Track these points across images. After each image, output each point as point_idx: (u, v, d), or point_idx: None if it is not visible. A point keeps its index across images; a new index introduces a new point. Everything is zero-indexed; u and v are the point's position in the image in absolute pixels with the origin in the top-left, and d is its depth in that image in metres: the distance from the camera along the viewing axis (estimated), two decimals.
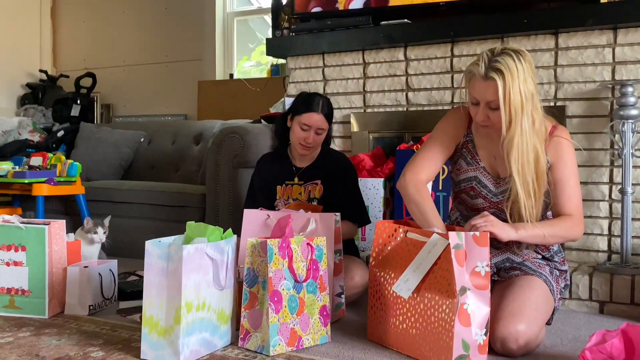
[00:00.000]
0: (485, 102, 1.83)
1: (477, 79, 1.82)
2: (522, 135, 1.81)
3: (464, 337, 1.65)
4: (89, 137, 4.41)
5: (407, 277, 1.79)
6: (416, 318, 1.77)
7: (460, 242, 1.69)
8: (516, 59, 1.79)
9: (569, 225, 1.89)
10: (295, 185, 2.50)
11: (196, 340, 1.75)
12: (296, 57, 3.30)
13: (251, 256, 1.86)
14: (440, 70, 2.94)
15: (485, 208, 2.01)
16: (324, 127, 2.42)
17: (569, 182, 1.91)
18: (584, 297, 2.38)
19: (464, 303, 1.66)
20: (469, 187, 2.03)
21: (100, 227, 2.68)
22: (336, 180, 2.45)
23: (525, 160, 1.83)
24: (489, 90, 1.80)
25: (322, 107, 2.41)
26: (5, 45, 5.35)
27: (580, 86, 2.64)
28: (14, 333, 2.01)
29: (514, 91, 1.77)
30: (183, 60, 5.06)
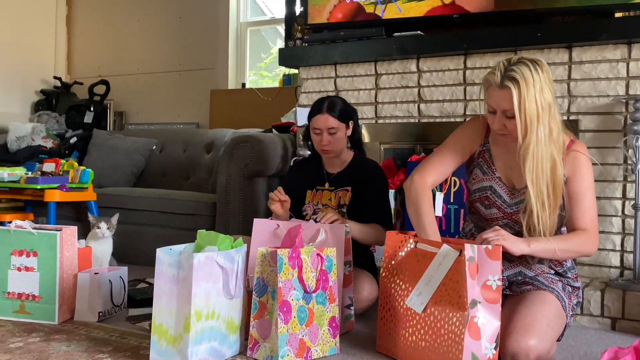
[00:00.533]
0: (501, 111, 1.84)
1: (493, 87, 1.84)
2: (538, 144, 1.81)
3: (474, 351, 1.64)
4: (101, 144, 4.44)
5: (419, 291, 1.78)
6: (425, 330, 1.76)
7: (472, 255, 1.68)
8: (532, 69, 1.80)
9: (583, 240, 1.87)
10: (325, 190, 2.50)
11: (205, 349, 1.75)
12: (308, 67, 3.31)
13: (261, 265, 1.86)
14: (452, 82, 2.94)
15: (499, 218, 2.00)
16: (334, 126, 2.41)
17: (585, 197, 1.89)
18: (595, 313, 2.36)
19: (474, 316, 1.65)
20: (484, 196, 2.03)
21: (103, 222, 2.68)
22: (365, 186, 2.45)
23: (540, 170, 1.83)
24: (504, 99, 1.81)
25: (328, 106, 2.42)
26: (21, 52, 5.40)
27: (594, 100, 2.63)
28: (24, 338, 2.01)
29: (529, 100, 1.78)
30: (196, 69, 5.09)
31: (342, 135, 2.44)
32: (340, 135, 2.44)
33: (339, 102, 2.47)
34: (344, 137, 2.46)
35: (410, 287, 1.84)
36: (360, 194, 2.45)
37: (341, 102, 2.48)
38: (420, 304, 1.77)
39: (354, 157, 2.54)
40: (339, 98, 2.52)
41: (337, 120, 2.42)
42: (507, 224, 1.98)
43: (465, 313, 1.64)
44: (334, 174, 2.52)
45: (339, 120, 2.43)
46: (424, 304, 1.75)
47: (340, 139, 2.44)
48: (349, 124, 2.48)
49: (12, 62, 5.34)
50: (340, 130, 2.43)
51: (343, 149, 2.49)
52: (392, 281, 1.91)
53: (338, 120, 2.42)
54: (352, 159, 2.54)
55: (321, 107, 2.44)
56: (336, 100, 2.47)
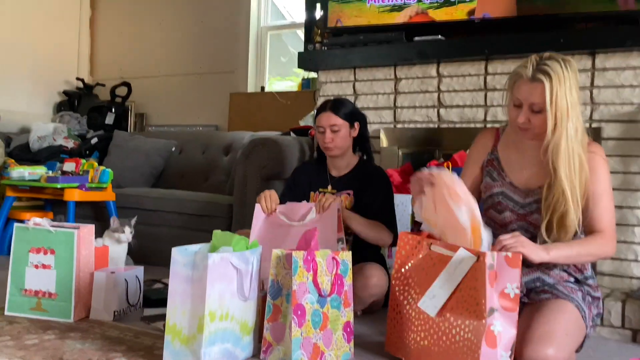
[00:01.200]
0: (529, 104, 1.83)
1: (524, 80, 1.83)
2: (568, 140, 1.81)
3: (489, 359, 1.62)
4: (121, 145, 4.48)
5: (433, 294, 1.75)
6: (439, 336, 1.73)
7: (492, 262, 1.66)
8: (564, 66, 1.80)
9: (601, 242, 1.86)
10: (327, 193, 2.50)
11: (218, 351, 1.74)
12: (327, 71, 3.30)
13: (276, 268, 1.85)
14: (473, 87, 2.91)
15: (513, 221, 1.98)
16: (336, 123, 2.43)
17: (602, 198, 1.88)
18: (616, 324, 2.31)
19: (491, 324, 1.62)
20: (496, 202, 2.02)
21: (127, 227, 2.70)
22: (368, 192, 2.44)
23: (572, 165, 1.83)
24: (535, 92, 1.80)
25: (332, 105, 2.46)
26: (45, 53, 5.48)
27: (617, 108, 2.59)
28: (40, 335, 2.02)
29: (560, 95, 1.78)
30: (216, 72, 5.11)
31: (345, 134, 2.45)
32: (343, 134, 2.44)
33: (344, 102, 2.50)
34: (347, 136, 2.46)
35: (423, 290, 1.81)
36: (363, 199, 2.45)
37: (348, 102, 2.52)
38: (433, 307, 1.74)
39: (359, 161, 2.55)
40: (346, 99, 2.57)
41: (340, 119, 2.44)
42: (522, 227, 1.96)
43: (483, 321, 1.62)
44: (338, 177, 2.52)
45: (342, 118, 2.44)
46: (438, 308, 1.73)
47: (343, 138, 2.45)
48: (353, 124, 2.48)
49: (36, 63, 5.42)
50: (343, 129, 2.44)
51: (347, 149, 2.49)
52: (405, 283, 1.89)
53: (341, 119, 2.44)
54: (357, 164, 2.54)
55: (325, 105, 2.49)
56: (342, 100, 2.51)
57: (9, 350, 1.85)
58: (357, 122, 2.50)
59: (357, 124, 2.50)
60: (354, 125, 2.49)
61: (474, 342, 1.63)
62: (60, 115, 5.30)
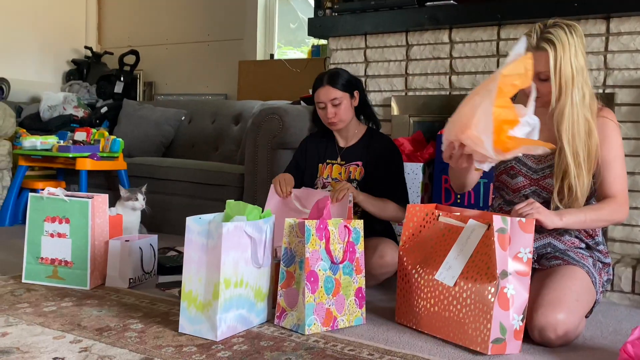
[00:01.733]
0: (536, 73, 1.81)
1: (529, 49, 1.80)
2: (573, 106, 1.82)
3: (502, 321, 1.65)
4: (131, 114, 4.48)
5: (449, 265, 1.78)
6: (449, 301, 1.76)
7: (505, 227, 1.67)
8: (568, 32, 1.80)
9: (613, 208, 1.87)
10: (336, 164, 2.49)
11: (233, 317, 1.77)
12: (338, 38, 3.27)
13: (289, 236, 1.87)
14: (485, 53, 2.88)
15: (526, 186, 1.99)
16: (336, 96, 2.38)
17: (615, 163, 1.88)
18: (626, 289, 2.32)
19: (504, 287, 1.64)
20: (509, 167, 2.02)
21: (139, 194, 2.72)
22: (378, 163, 2.42)
23: (576, 131, 1.83)
24: (540, 61, 1.79)
25: (328, 78, 2.40)
26: (53, 22, 5.45)
27: (631, 73, 2.56)
28: (57, 303, 2.06)
29: (564, 62, 1.79)
30: (225, 39, 5.07)
31: (347, 106, 2.41)
32: (345, 106, 2.40)
33: (340, 72, 2.44)
34: (349, 107, 2.42)
35: (433, 261, 1.83)
36: (373, 170, 2.43)
37: (343, 72, 2.46)
38: (451, 277, 1.76)
39: (366, 130, 2.51)
40: (340, 69, 2.50)
41: (340, 91, 2.39)
42: (535, 192, 1.97)
43: (495, 282, 1.64)
44: (346, 147, 2.50)
45: (341, 90, 2.39)
46: (455, 278, 1.75)
47: (345, 110, 2.41)
48: (353, 94, 2.44)
49: (44, 32, 5.39)
50: (344, 101, 2.40)
51: (351, 119, 2.46)
52: (413, 254, 1.91)
53: (340, 91, 2.39)
54: (365, 133, 2.50)
55: (322, 79, 2.42)
56: (337, 71, 2.45)
57: (28, 317, 1.89)
58: (357, 90, 2.45)
59: (357, 92, 2.45)
60: (354, 94, 2.44)
61: (487, 304, 1.65)
62: (69, 85, 5.29)
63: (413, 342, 1.78)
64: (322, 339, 1.77)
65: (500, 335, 1.65)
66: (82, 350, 1.61)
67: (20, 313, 1.93)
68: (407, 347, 1.73)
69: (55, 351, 1.60)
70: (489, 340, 1.64)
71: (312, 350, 1.67)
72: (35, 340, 1.68)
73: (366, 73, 3.22)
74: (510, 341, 1.66)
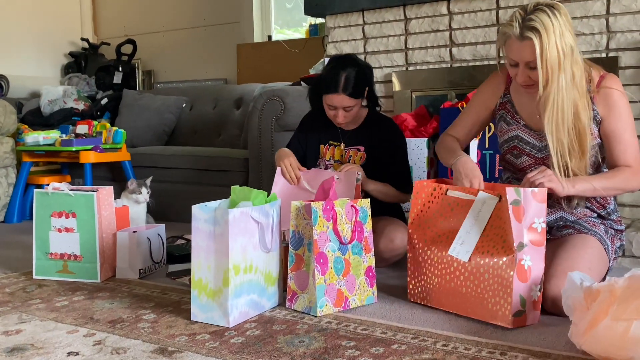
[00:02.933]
0: (524, 63, 1.78)
1: (513, 40, 1.77)
2: (559, 92, 1.75)
3: (522, 293, 1.64)
4: (132, 104, 4.47)
5: (462, 240, 1.76)
6: (466, 277, 1.75)
7: (518, 198, 1.65)
8: (551, 14, 1.72)
9: (627, 176, 1.83)
10: (338, 146, 2.46)
11: (245, 302, 1.77)
12: (335, 15, 3.23)
13: (296, 219, 1.86)
14: (485, 23, 2.84)
15: (531, 165, 1.96)
16: (350, 105, 2.28)
17: (624, 134, 1.84)
18: (637, 254, 2.31)
19: (521, 259, 1.63)
20: (512, 146, 2.00)
21: (143, 187, 2.71)
22: (381, 147, 2.37)
23: (560, 119, 1.78)
24: (525, 50, 1.75)
25: (344, 85, 2.25)
26: (47, 15, 5.42)
27: (635, 35, 2.52)
28: (69, 297, 2.07)
29: (550, 48, 1.71)
30: (221, 23, 5.03)
31: (357, 109, 2.33)
32: (355, 110, 2.32)
33: (354, 76, 2.27)
34: (359, 108, 2.35)
35: (445, 237, 1.82)
36: (376, 155, 2.38)
37: (356, 73, 2.28)
38: (465, 252, 1.74)
39: (368, 113, 2.44)
40: (353, 67, 2.29)
41: (355, 99, 2.29)
42: None
43: (513, 256, 1.62)
44: (349, 131, 2.44)
45: (356, 98, 2.29)
46: (470, 252, 1.73)
47: (355, 112, 2.33)
48: (364, 94, 2.33)
49: (40, 26, 5.36)
50: (356, 106, 2.31)
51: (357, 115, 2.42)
52: (423, 231, 1.89)
53: (355, 99, 2.29)
54: (367, 116, 2.43)
55: (337, 85, 2.25)
56: (351, 75, 2.27)
57: (41, 312, 1.90)
58: (367, 87, 2.34)
59: (367, 89, 2.35)
60: (364, 93, 2.33)
61: (506, 277, 1.64)
62: (68, 78, 5.28)
63: (426, 318, 1.78)
64: (334, 319, 1.77)
65: (521, 307, 1.64)
66: (96, 344, 1.61)
67: (33, 309, 1.93)
68: (419, 324, 1.72)
69: (70, 345, 1.61)
70: (510, 314, 1.63)
71: (325, 331, 1.67)
72: (49, 335, 1.69)
73: (365, 50, 3.18)
74: (530, 312, 1.66)
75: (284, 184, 2.33)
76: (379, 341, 1.58)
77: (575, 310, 1.46)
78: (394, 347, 1.54)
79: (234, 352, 1.53)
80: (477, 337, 1.60)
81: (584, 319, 1.42)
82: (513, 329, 1.64)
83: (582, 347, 1.43)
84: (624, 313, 1.34)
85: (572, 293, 1.47)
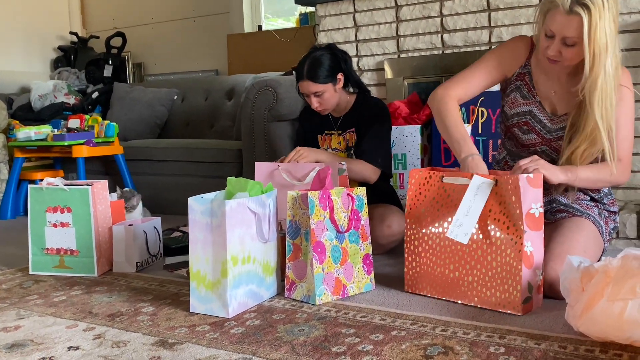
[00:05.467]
0: (562, 37, 1.71)
1: (559, 11, 1.68)
2: (606, 77, 1.71)
3: (529, 279, 1.65)
4: (123, 97, 4.44)
5: (460, 222, 1.74)
6: (472, 265, 1.74)
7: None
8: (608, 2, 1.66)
9: (619, 170, 1.84)
10: (334, 135, 2.48)
11: (244, 293, 1.77)
12: (325, 4, 3.22)
13: (292, 209, 1.86)
14: (476, 8, 2.84)
15: (537, 144, 1.96)
16: (317, 90, 2.33)
17: (624, 127, 1.84)
18: (631, 236, 2.33)
19: (524, 245, 1.64)
20: (523, 121, 1.97)
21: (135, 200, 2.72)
22: (367, 124, 2.42)
23: (608, 104, 1.74)
24: (571, 25, 1.67)
25: (308, 72, 2.32)
26: (35, 9, 5.37)
27: (625, 18, 2.52)
28: (67, 292, 2.07)
29: (599, 29, 1.64)
30: (210, 14, 5.00)
31: (330, 94, 2.37)
32: (328, 95, 2.36)
33: (321, 62, 2.33)
34: (333, 94, 2.38)
35: (445, 223, 1.81)
36: (362, 134, 2.43)
37: (324, 59, 2.34)
38: (463, 234, 1.73)
39: (357, 98, 2.48)
40: (322, 54, 2.36)
41: (320, 84, 2.33)
42: (544, 151, 1.95)
43: (521, 242, 1.63)
44: (340, 117, 2.49)
45: (322, 83, 2.33)
46: (468, 235, 1.73)
47: (329, 98, 2.37)
48: (336, 79, 2.36)
49: (28, 20, 5.32)
50: (327, 91, 2.35)
51: (338, 102, 2.43)
52: (421, 220, 1.87)
53: (321, 84, 2.33)
54: (356, 100, 2.48)
55: (302, 72, 2.34)
56: (318, 61, 2.33)
57: (39, 308, 1.89)
58: (340, 72, 2.37)
59: (340, 75, 2.38)
60: (337, 78, 2.37)
61: (514, 265, 1.64)
62: (58, 72, 5.24)
63: (424, 303, 1.79)
64: (333, 307, 1.78)
65: (529, 293, 1.65)
66: (96, 337, 1.62)
67: (31, 305, 1.93)
68: (418, 310, 1.73)
69: (69, 340, 1.61)
70: (520, 301, 1.63)
71: (324, 319, 1.67)
72: (49, 331, 1.69)
73: (357, 38, 3.17)
74: (535, 297, 1.68)
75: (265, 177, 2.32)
76: (379, 328, 1.59)
77: (571, 292, 1.47)
78: (393, 334, 1.55)
79: (234, 342, 1.54)
80: (475, 321, 1.62)
81: (580, 301, 1.43)
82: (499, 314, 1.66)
83: (580, 328, 1.44)
84: (618, 293, 1.35)
85: (569, 275, 1.48)
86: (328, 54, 2.37)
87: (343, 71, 2.39)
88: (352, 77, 2.45)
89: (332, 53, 2.38)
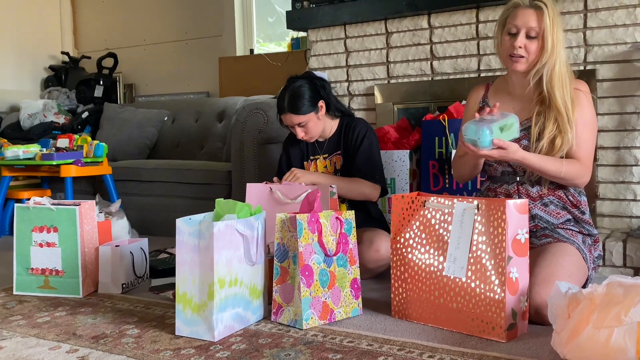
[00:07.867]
0: (527, 29, 1.91)
1: (522, 8, 1.93)
2: (562, 64, 1.92)
3: (514, 307, 1.65)
4: (113, 118, 4.44)
5: (453, 257, 1.75)
6: (456, 292, 1.74)
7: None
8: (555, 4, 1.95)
9: (577, 167, 1.92)
10: (320, 159, 2.49)
11: (230, 316, 1.76)
12: (317, 29, 3.25)
13: (281, 231, 1.86)
14: (465, 37, 2.88)
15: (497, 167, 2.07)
16: (300, 121, 2.36)
17: (582, 129, 1.94)
18: (617, 264, 2.34)
19: (509, 272, 1.64)
20: None
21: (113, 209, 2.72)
22: (351, 145, 2.44)
23: (566, 92, 1.92)
24: (533, 17, 1.90)
25: (289, 105, 2.35)
26: (27, 28, 5.38)
27: (611, 48, 2.57)
28: (51, 313, 2.04)
29: (556, 22, 1.91)
30: (203, 37, 5.03)
31: (314, 123, 2.39)
32: (312, 124, 2.39)
33: (300, 93, 2.35)
34: (317, 122, 2.40)
35: (430, 249, 1.81)
36: (348, 156, 2.45)
37: (304, 90, 2.36)
38: (460, 269, 1.73)
39: (340, 121, 2.51)
40: (301, 84, 2.38)
41: (302, 115, 2.36)
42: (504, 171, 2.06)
43: (505, 270, 1.63)
44: (325, 141, 2.51)
45: (304, 114, 2.36)
46: (464, 268, 1.72)
47: (314, 126, 2.40)
48: (317, 107, 2.39)
49: (20, 39, 5.32)
50: (310, 120, 2.38)
51: (323, 128, 2.46)
52: (407, 245, 1.87)
53: (304, 115, 2.36)
54: (340, 123, 2.51)
55: (282, 106, 2.37)
56: (297, 92, 2.35)
57: (22, 329, 1.87)
58: (320, 100, 2.40)
59: (321, 102, 2.40)
60: (318, 106, 2.39)
61: (498, 292, 1.64)
62: (48, 91, 5.23)
63: (411, 329, 1.78)
64: (320, 332, 1.77)
65: (513, 320, 1.65)
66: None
67: (14, 325, 1.90)
68: (405, 335, 1.73)
69: None
70: (504, 328, 1.63)
71: (311, 344, 1.66)
72: (31, 352, 1.66)
73: (347, 63, 3.20)
74: (519, 323, 1.67)
75: (257, 198, 2.32)
76: (365, 353, 1.58)
77: (558, 318, 1.48)
78: None
79: None
80: (462, 347, 1.61)
81: (566, 328, 1.43)
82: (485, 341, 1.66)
83: (566, 356, 1.44)
84: (604, 320, 1.36)
85: (556, 301, 1.49)
86: (306, 84, 2.39)
87: (323, 98, 2.41)
88: (332, 103, 2.47)
89: (310, 82, 2.41)
